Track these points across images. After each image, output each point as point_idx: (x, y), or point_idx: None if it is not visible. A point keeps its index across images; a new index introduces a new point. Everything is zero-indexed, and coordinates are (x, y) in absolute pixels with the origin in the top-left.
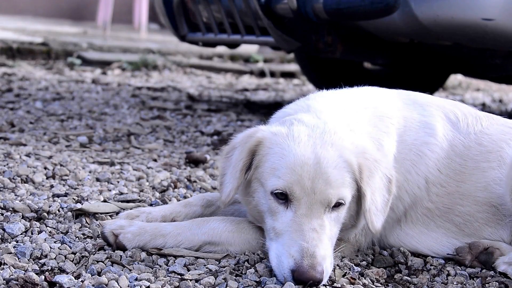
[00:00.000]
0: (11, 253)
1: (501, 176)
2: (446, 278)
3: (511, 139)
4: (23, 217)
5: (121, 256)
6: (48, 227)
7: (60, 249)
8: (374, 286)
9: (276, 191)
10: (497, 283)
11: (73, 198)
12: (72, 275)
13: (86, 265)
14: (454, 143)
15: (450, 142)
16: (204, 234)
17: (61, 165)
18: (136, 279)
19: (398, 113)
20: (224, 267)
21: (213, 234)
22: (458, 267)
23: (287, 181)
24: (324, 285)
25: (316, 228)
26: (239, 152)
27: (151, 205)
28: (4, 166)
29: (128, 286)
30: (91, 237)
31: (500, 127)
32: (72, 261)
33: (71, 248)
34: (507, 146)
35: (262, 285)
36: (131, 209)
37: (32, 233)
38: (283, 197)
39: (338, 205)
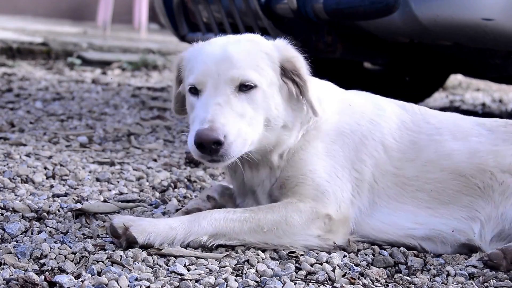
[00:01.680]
0: (11, 253)
1: (460, 148)
2: (446, 278)
3: (455, 121)
4: (23, 217)
5: (121, 256)
6: (48, 227)
7: (60, 249)
8: (374, 286)
9: (189, 86)
10: (495, 280)
11: (73, 198)
12: (72, 275)
13: (86, 265)
14: (403, 119)
15: (399, 117)
16: (210, 225)
17: (61, 165)
18: (136, 279)
19: (351, 94)
20: (224, 267)
21: (218, 225)
22: (458, 267)
23: (196, 74)
24: (324, 284)
25: (220, 103)
26: (171, 71)
27: (151, 205)
28: (4, 166)
29: (128, 286)
30: (91, 237)
31: (442, 113)
32: (72, 261)
33: (71, 248)
34: (454, 126)
35: (262, 285)
36: (131, 209)
37: (32, 233)
38: (195, 90)
39: (249, 88)
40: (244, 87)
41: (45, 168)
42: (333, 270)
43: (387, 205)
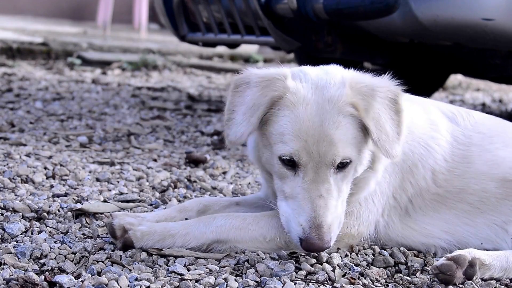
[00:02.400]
0: (11, 253)
1: (509, 155)
2: None
3: (505, 127)
4: (23, 217)
5: (121, 256)
6: (48, 227)
7: (60, 249)
8: (374, 286)
9: (284, 157)
10: (495, 281)
11: (73, 198)
12: (72, 275)
13: (86, 265)
14: (455, 135)
15: (451, 133)
16: (212, 233)
17: (61, 165)
18: (136, 279)
19: (412, 112)
20: (224, 267)
21: (220, 232)
22: None
23: (293, 147)
24: (324, 284)
25: (323, 194)
26: (257, 94)
27: (151, 205)
28: (4, 166)
29: (128, 286)
30: (91, 237)
31: (490, 119)
32: (72, 261)
33: (71, 248)
34: (504, 133)
35: (262, 285)
36: (131, 209)
37: (32, 233)
38: (291, 163)
39: (344, 164)
40: (341, 164)
41: (45, 168)
42: (333, 270)
43: (421, 216)
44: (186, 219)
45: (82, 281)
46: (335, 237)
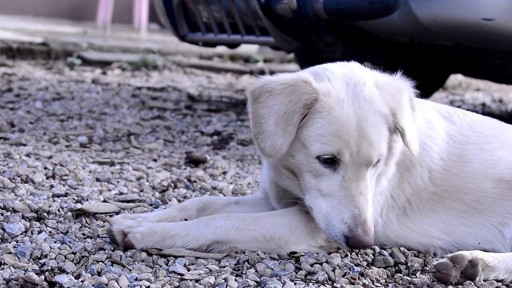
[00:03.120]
0: (11, 253)
1: (506, 155)
2: None
3: (501, 127)
4: (23, 217)
5: (121, 256)
6: (48, 227)
7: (60, 249)
8: (374, 286)
9: (324, 156)
10: (495, 281)
11: (73, 198)
12: (72, 275)
13: (86, 265)
14: (451, 133)
15: (447, 132)
16: (212, 233)
17: (61, 165)
18: (136, 279)
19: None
20: (224, 267)
21: (220, 233)
22: None
23: (335, 147)
24: (324, 284)
25: (363, 192)
26: (286, 102)
27: (151, 205)
28: (4, 166)
29: (128, 286)
30: (91, 237)
31: (486, 120)
32: (72, 261)
33: (71, 248)
34: (500, 133)
35: (262, 285)
36: (131, 209)
37: (32, 233)
38: (330, 161)
39: (377, 161)
40: (376, 162)
41: (45, 168)
42: (333, 270)
43: (419, 216)
44: (186, 219)
45: (82, 281)
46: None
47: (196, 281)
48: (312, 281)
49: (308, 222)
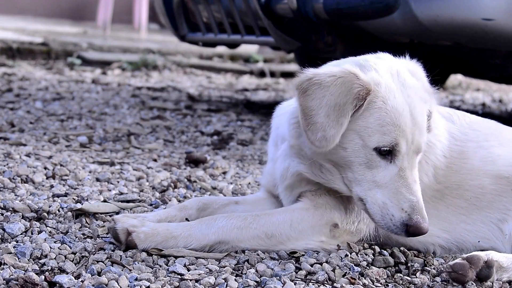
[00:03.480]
0: (11, 253)
1: (505, 153)
2: (446, 278)
3: (498, 127)
4: (23, 217)
5: (121, 256)
6: (48, 227)
7: (60, 249)
8: (374, 286)
9: (383, 148)
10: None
11: (73, 198)
12: (72, 275)
13: (86, 265)
14: (452, 132)
15: (448, 131)
16: (214, 234)
17: (61, 165)
18: (136, 279)
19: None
20: (224, 267)
21: (222, 233)
22: None
23: (394, 138)
24: (324, 284)
25: (415, 179)
26: (338, 93)
27: (151, 205)
28: (4, 166)
29: (128, 286)
30: (91, 237)
31: (484, 121)
32: (72, 261)
33: (71, 248)
34: (498, 132)
35: (262, 285)
36: (131, 209)
37: (32, 233)
38: (386, 153)
39: None
40: None
41: (45, 168)
42: (333, 270)
43: None
44: (187, 219)
45: (82, 281)
46: None
47: (196, 281)
48: (312, 281)
49: (309, 218)
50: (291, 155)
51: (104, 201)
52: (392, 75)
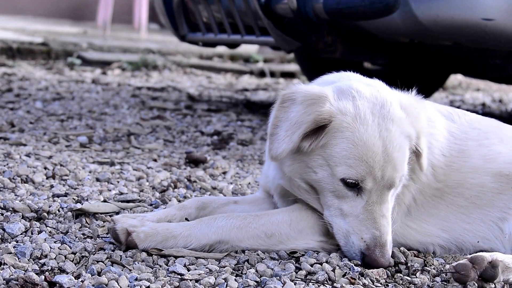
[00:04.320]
0: (11, 253)
1: (505, 150)
2: (446, 278)
3: (498, 125)
4: (23, 217)
5: (121, 256)
6: (48, 227)
7: (60, 249)
8: (374, 286)
9: (349, 180)
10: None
11: (73, 198)
12: (72, 275)
13: (86, 265)
14: (451, 130)
15: (448, 129)
16: (213, 234)
17: (61, 165)
18: (136, 279)
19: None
20: (224, 267)
21: (222, 233)
22: None
23: (359, 172)
24: (324, 284)
25: (385, 214)
26: (300, 112)
27: (151, 205)
28: (4, 166)
29: (128, 286)
30: (91, 237)
31: (484, 119)
32: (72, 261)
33: (71, 248)
34: (499, 129)
35: (262, 285)
36: (131, 209)
37: (32, 233)
38: (353, 185)
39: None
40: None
41: (45, 168)
42: (333, 270)
43: (421, 215)
44: (186, 219)
45: (82, 281)
46: None
47: (196, 281)
48: (312, 281)
49: (308, 218)
50: (276, 167)
51: (104, 201)
52: (374, 106)
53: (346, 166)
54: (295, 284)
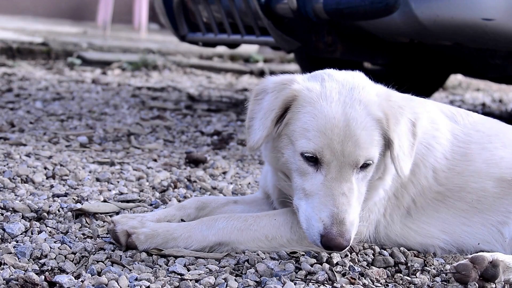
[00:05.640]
0: (11, 253)
1: (507, 155)
2: (446, 278)
3: (502, 127)
4: (23, 217)
5: (121, 256)
6: (48, 227)
7: (60, 249)
8: (374, 286)
9: (306, 154)
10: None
11: (73, 198)
12: (72, 275)
13: (86, 265)
14: (455, 133)
15: (451, 132)
16: (214, 235)
17: (61, 165)
18: (136, 279)
19: (411, 103)
20: (224, 267)
21: (223, 234)
22: None
23: (317, 144)
24: (324, 284)
25: (345, 192)
26: (271, 99)
27: (151, 205)
28: (4, 166)
29: (128, 286)
30: (91, 237)
31: (488, 120)
32: (72, 261)
33: (71, 248)
34: (502, 133)
35: (262, 285)
36: (131, 209)
37: (32, 233)
38: (313, 160)
39: (366, 165)
40: (363, 165)
41: (45, 168)
42: (333, 270)
43: (422, 216)
44: (183, 219)
45: (82, 281)
46: (352, 239)
47: (196, 281)
48: (312, 281)
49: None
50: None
51: (104, 201)
52: (343, 87)
53: (305, 140)
54: (295, 284)
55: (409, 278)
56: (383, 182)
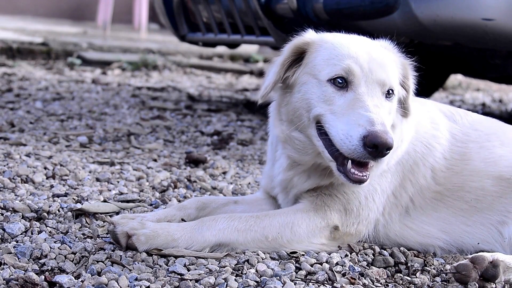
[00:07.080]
0: (11, 253)
1: (506, 154)
2: (446, 278)
3: (501, 126)
4: (23, 217)
5: (121, 256)
6: (48, 227)
7: (60, 249)
8: (374, 286)
9: (335, 76)
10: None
11: (73, 198)
12: (72, 275)
13: (86, 265)
14: (453, 132)
15: (450, 131)
16: (214, 236)
17: (61, 165)
18: (136, 279)
19: (418, 114)
20: (224, 267)
21: (223, 235)
22: None
23: (346, 64)
24: (324, 284)
25: (377, 105)
26: (284, 53)
27: (151, 205)
28: (4, 166)
29: (128, 286)
30: (91, 237)
31: (487, 119)
32: (72, 261)
33: (71, 248)
34: (500, 132)
35: (262, 285)
36: (131, 209)
37: (32, 233)
38: (342, 82)
39: (389, 94)
40: (388, 95)
41: (45, 168)
42: (333, 270)
43: (421, 216)
44: (183, 219)
45: (82, 281)
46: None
47: (196, 281)
48: (312, 281)
49: (310, 221)
50: (281, 147)
51: (104, 201)
52: (359, 39)
53: (331, 66)
54: (295, 284)
55: (409, 278)
56: (390, 166)
